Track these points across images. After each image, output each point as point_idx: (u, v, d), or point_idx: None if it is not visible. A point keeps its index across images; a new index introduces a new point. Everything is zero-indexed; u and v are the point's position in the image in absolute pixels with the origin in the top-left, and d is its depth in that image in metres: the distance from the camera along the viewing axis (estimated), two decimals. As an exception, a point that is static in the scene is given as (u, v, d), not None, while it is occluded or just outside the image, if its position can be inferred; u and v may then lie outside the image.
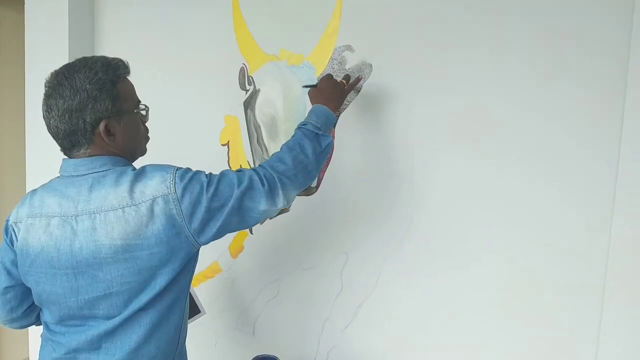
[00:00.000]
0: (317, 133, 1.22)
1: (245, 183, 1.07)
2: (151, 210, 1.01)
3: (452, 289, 1.31)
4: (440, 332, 1.34)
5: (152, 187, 1.02)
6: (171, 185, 1.02)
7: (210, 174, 1.09)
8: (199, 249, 1.11)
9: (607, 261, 1.10)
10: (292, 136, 1.22)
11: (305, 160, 1.17)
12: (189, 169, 1.08)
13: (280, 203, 1.12)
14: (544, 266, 1.19)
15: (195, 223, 1.03)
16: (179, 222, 1.02)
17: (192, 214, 1.03)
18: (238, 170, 1.11)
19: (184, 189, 1.03)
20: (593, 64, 1.11)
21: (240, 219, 1.09)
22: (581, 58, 1.12)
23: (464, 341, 1.31)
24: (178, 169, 1.06)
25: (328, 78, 1.35)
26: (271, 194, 1.09)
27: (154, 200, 1.01)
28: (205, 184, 1.04)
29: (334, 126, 1.43)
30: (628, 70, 1.06)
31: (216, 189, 1.05)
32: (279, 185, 1.10)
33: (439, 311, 1.34)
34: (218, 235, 1.07)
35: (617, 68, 1.08)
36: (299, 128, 1.24)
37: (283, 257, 1.61)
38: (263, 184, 1.09)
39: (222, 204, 1.05)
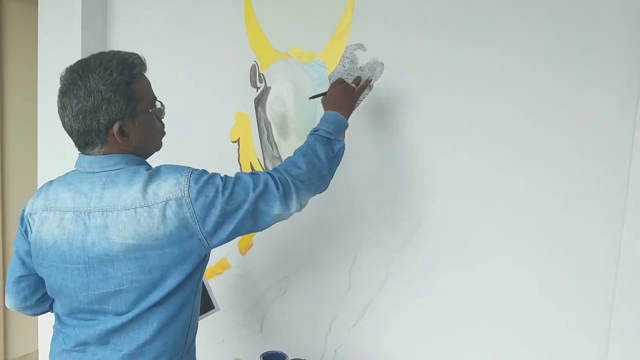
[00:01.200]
0: (329, 138, 1.21)
1: (260, 187, 1.07)
2: (164, 212, 1.00)
3: (459, 288, 1.31)
4: (447, 331, 1.34)
5: (166, 189, 1.01)
6: (185, 189, 1.02)
7: (226, 176, 1.08)
8: (210, 251, 1.11)
9: (617, 266, 1.09)
10: (305, 142, 1.22)
11: (319, 165, 1.17)
12: (204, 172, 1.07)
13: (294, 207, 1.11)
14: (552, 269, 1.18)
15: (209, 225, 1.03)
16: (192, 224, 1.02)
17: (205, 216, 1.02)
18: (252, 173, 1.11)
19: (198, 193, 1.02)
20: (604, 67, 1.10)
21: (254, 222, 1.08)
22: (593, 60, 1.11)
23: (471, 340, 1.31)
24: (193, 171, 1.05)
25: (338, 83, 1.34)
26: (285, 198, 1.09)
27: (166, 202, 1.01)
28: (220, 188, 1.04)
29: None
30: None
31: (232, 192, 1.05)
32: (293, 189, 1.10)
33: (447, 310, 1.34)
34: (230, 237, 1.07)
35: (628, 70, 1.07)
36: (311, 134, 1.23)
37: (292, 255, 1.61)
38: (278, 188, 1.08)
39: (237, 207, 1.05)
